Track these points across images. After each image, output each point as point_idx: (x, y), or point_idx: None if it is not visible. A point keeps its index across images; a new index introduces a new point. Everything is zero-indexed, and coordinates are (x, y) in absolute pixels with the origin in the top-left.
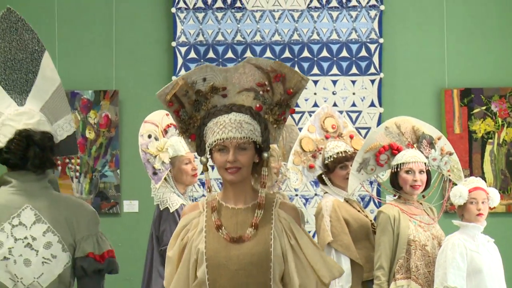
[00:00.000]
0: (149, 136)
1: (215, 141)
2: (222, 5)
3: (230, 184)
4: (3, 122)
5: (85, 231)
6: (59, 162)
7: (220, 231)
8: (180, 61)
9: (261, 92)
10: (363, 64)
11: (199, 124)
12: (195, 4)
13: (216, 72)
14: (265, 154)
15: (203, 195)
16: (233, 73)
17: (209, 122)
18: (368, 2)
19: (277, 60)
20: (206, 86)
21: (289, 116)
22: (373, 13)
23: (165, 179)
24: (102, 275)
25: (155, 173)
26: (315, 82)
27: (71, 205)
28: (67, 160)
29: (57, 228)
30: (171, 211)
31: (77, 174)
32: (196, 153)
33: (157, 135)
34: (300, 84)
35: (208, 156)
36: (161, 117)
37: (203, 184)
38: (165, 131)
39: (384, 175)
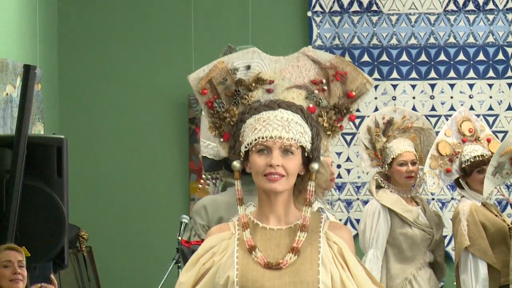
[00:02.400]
0: None
1: (256, 140)
2: (358, 9)
3: (269, 196)
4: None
5: None
6: None
7: (254, 253)
8: None
9: (315, 91)
10: (500, 68)
11: (236, 121)
12: (331, 8)
13: (264, 60)
14: (314, 165)
15: (339, 199)
16: (284, 65)
17: (249, 119)
18: (505, 5)
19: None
20: (250, 75)
21: (425, 119)
22: (510, 16)
23: None
24: None
25: None
26: (452, 85)
27: None
28: None
29: None
30: None
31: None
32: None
33: None
34: (364, 88)
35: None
36: None
37: (339, 188)
38: None
39: None
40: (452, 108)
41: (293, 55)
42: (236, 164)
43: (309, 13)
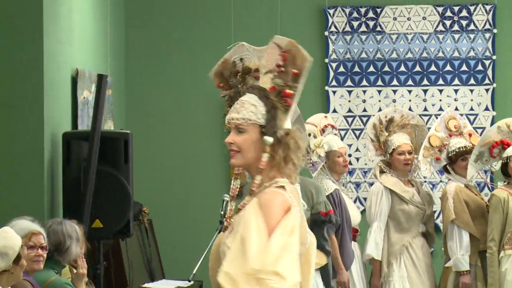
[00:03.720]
0: (309, 135)
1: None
2: (365, 29)
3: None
4: None
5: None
6: None
7: None
8: (331, 74)
9: (276, 73)
10: (479, 76)
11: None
12: (343, 28)
13: (251, 52)
14: (268, 139)
15: (350, 181)
16: (263, 53)
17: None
18: (483, 27)
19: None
20: (241, 65)
21: (419, 118)
22: (487, 35)
23: (321, 168)
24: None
25: (312, 165)
26: (440, 91)
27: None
28: None
29: None
30: (326, 194)
31: None
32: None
33: (316, 134)
34: (303, 64)
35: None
36: (320, 119)
37: (350, 172)
38: (323, 130)
39: (496, 165)
40: (440, 109)
41: (269, 44)
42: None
43: (326, 33)
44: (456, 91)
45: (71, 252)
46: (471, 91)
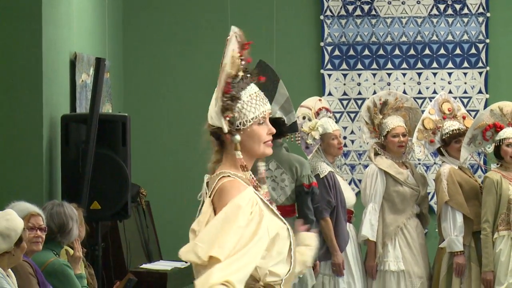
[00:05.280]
0: (304, 118)
1: (263, 112)
2: (360, 13)
3: (254, 159)
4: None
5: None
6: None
7: (271, 207)
8: (326, 57)
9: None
10: (473, 60)
11: (231, 99)
12: (339, 12)
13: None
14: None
15: (345, 164)
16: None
17: (242, 96)
18: (477, 10)
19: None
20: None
21: (413, 101)
22: (481, 19)
23: (316, 151)
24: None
25: (307, 147)
26: (434, 74)
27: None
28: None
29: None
30: (321, 176)
31: None
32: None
33: (310, 117)
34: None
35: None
36: (314, 102)
37: (345, 155)
38: (317, 113)
39: (489, 148)
40: (434, 92)
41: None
42: (237, 137)
43: (322, 17)
44: (450, 74)
45: (73, 233)
46: (465, 74)
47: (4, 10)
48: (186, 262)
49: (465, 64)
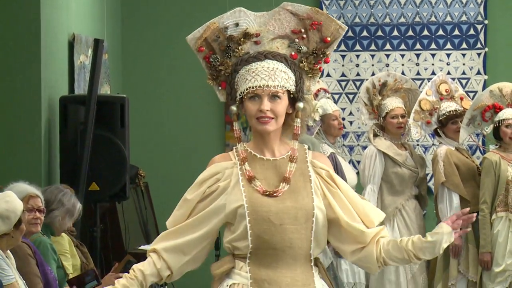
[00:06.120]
0: None
1: (247, 89)
2: None
3: (262, 134)
4: None
5: None
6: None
7: (253, 183)
8: None
9: (296, 40)
10: (471, 41)
11: (230, 71)
12: None
13: (249, 17)
14: (300, 104)
15: (343, 145)
16: (268, 19)
17: (241, 69)
18: None
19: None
20: (239, 31)
21: (412, 82)
22: (479, 0)
23: (317, 133)
24: None
25: (308, 129)
26: (433, 55)
27: None
28: None
29: None
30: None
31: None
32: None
33: (309, 98)
34: (338, 33)
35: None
36: None
37: (343, 136)
38: (316, 95)
39: (488, 129)
40: (433, 73)
41: (274, 10)
42: (233, 108)
43: None
44: (448, 55)
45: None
46: (463, 55)
47: None
48: None
49: (464, 45)
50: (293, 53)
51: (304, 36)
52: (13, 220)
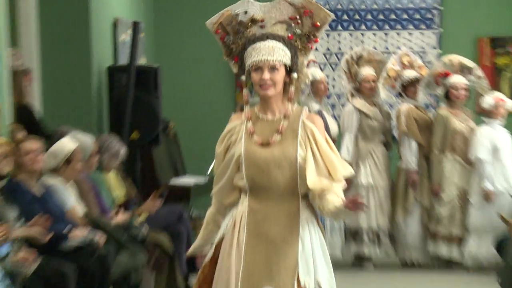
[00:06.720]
0: None
1: (252, 63)
2: None
3: (264, 98)
4: None
5: None
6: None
7: (253, 136)
8: None
9: (292, 24)
10: (429, 23)
11: (241, 49)
12: None
13: (256, 6)
14: (294, 75)
15: (328, 103)
16: (270, 8)
17: (248, 47)
18: None
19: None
20: (247, 17)
21: (382, 55)
22: None
23: (307, 94)
24: None
25: (302, 91)
26: (398, 33)
27: None
28: None
29: None
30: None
31: None
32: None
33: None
34: (326, 19)
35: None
36: None
37: (328, 97)
38: (307, 65)
39: (440, 91)
40: (398, 48)
41: (276, 0)
42: (243, 78)
43: None
44: (410, 34)
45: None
46: (422, 33)
47: None
48: (206, 175)
49: (422, 26)
50: (289, 35)
51: (299, 21)
52: (60, 158)
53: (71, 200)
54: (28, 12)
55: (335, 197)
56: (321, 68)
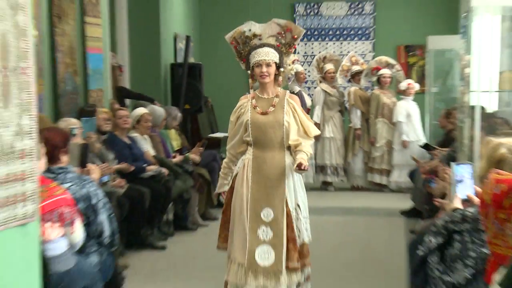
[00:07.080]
0: (289, 64)
1: (255, 61)
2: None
3: (262, 84)
4: None
5: None
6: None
7: (256, 108)
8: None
9: (279, 37)
10: (368, 35)
11: (247, 53)
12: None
13: (256, 26)
14: (281, 69)
15: (305, 86)
16: (265, 27)
17: (252, 52)
18: (369, 11)
19: (289, 21)
20: (251, 33)
21: (338, 55)
22: (371, 16)
23: (292, 80)
24: None
25: (288, 78)
26: (348, 43)
27: None
28: None
29: None
30: (295, 92)
31: None
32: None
33: (289, 63)
34: (300, 33)
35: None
36: (292, 58)
37: (305, 82)
38: (293, 62)
39: (374, 79)
40: (348, 51)
41: (268, 22)
42: (249, 72)
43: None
44: (356, 43)
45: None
46: (363, 43)
47: (140, 8)
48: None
49: (363, 38)
50: (278, 44)
51: (283, 35)
52: (133, 119)
53: (147, 147)
54: (121, 28)
55: (301, 155)
56: (301, 64)
